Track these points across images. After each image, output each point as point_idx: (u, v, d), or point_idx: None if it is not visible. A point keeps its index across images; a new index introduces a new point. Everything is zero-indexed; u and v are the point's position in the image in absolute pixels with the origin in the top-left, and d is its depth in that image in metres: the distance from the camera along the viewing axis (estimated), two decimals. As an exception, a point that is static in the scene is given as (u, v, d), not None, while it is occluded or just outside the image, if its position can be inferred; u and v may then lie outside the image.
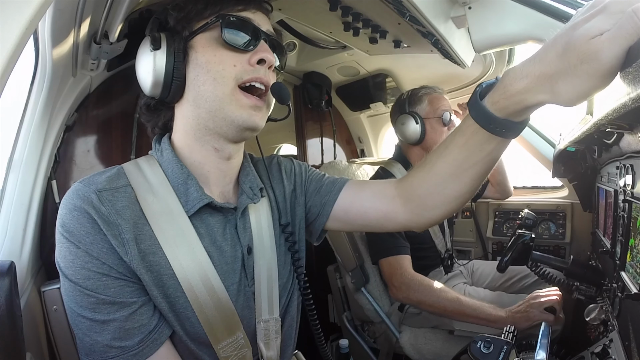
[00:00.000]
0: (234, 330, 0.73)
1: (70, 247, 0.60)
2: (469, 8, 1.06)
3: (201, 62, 0.67)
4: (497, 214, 2.05)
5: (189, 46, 0.69)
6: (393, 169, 1.62)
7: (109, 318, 0.62)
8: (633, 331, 0.75)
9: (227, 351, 0.72)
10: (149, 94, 0.71)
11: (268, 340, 0.79)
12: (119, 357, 0.62)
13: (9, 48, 0.42)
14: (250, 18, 0.70)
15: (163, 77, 0.67)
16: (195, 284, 0.68)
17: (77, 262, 0.60)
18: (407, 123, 1.57)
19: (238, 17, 0.68)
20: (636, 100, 0.41)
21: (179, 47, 0.68)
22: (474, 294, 1.50)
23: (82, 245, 0.60)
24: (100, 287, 0.61)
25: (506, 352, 0.74)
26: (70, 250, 0.61)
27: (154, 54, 0.67)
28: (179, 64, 0.67)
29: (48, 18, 0.72)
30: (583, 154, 1.34)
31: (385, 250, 1.47)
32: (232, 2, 0.69)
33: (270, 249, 0.81)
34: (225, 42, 0.66)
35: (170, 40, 0.68)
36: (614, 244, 0.94)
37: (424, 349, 1.47)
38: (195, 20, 0.69)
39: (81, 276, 0.60)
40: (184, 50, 0.68)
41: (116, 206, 0.63)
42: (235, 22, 0.67)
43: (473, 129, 0.64)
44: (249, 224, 0.78)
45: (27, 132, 0.93)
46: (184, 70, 0.68)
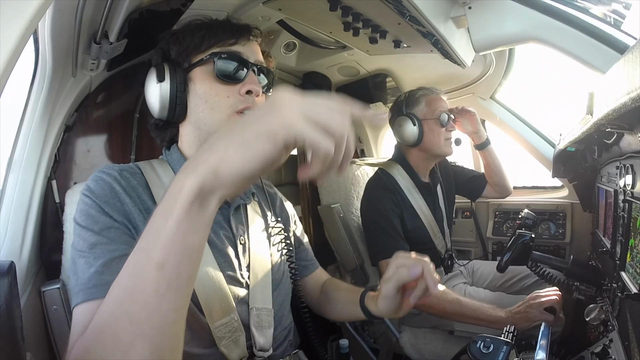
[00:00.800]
0: (228, 312, 0.80)
1: (88, 200, 0.71)
2: (469, 8, 1.06)
3: (199, 93, 0.79)
4: (497, 214, 2.05)
5: (188, 78, 0.81)
6: (392, 170, 1.62)
7: (104, 256, 0.67)
8: (633, 331, 0.75)
9: (221, 331, 0.79)
10: (157, 117, 0.84)
11: (261, 328, 0.85)
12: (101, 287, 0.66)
13: (9, 48, 0.42)
14: (240, 52, 0.81)
15: (168, 103, 0.80)
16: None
17: (90, 211, 0.70)
18: (404, 125, 1.57)
19: (229, 53, 0.79)
20: (636, 100, 0.41)
21: (181, 79, 0.80)
22: (474, 294, 1.50)
23: (98, 199, 0.71)
24: (104, 231, 0.68)
25: (506, 352, 0.74)
26: (87, 202, 0.71)
27: (160, 85, 0.79)
28: (181, 93, 0.80)
29: (48, 18, 0.72)
30: (583, 154, 1.34)
31: (384, 252, 1.47)
32: (225, 36, 0.80)
33: (262, 244, 0.91)
34: (217, 76, 0.78)
35: (172, 72, 0.80)
36: (614, 244, 0.94)
37: (424, 349, 1.47)
38: (193, 54, 0.81)
39: (90, 220, 0.69)
40: (185, 81, 0.80)
41: (132, 183, 0.76)
42: (226, 59, 0.79)
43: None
44: (242, 220, 0.90)
45: (27, 132, 0.93)
46: (185, 98, 0.80)
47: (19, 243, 0.95)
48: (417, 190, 1.60)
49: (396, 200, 1.53)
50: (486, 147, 1.73)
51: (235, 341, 0.81)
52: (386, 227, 1.48)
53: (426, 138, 1.57)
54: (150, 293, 0.43)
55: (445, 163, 1.82)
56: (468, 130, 1.73)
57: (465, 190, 1.87)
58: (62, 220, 1.02)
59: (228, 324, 0.80)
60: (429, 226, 1.60)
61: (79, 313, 0.63)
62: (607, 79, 0.54)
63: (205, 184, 0.43)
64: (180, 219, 0.43)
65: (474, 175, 1.86)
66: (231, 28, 0.82)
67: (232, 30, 0.82)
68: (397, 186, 1.57)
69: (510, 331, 0.85)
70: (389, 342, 1.58)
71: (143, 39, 1.06)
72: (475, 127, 1.71)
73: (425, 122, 1.57)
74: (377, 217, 1.51)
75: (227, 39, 0.80)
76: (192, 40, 0.80)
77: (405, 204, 1.56)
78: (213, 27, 0.82)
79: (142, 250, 0.45)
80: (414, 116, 1.57)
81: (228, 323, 0.80)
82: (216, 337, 0.79)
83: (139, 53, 1.12)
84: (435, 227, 1.62)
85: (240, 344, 0.82)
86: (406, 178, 1.60)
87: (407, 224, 1.53)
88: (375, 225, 1.51)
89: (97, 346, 0.46)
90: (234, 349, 0.81)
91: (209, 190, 0.44)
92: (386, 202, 1.51)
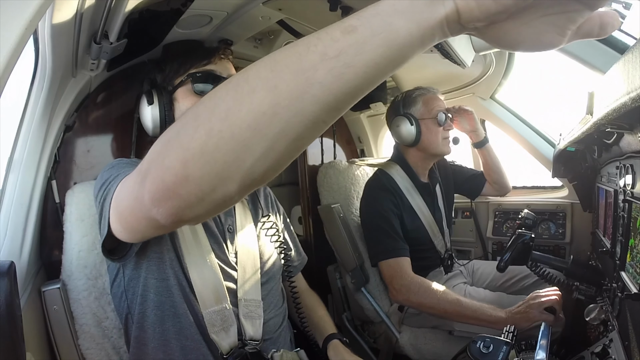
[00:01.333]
0: (221, 300, 0.87)
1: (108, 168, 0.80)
2: (469, 8, 1.06)
3: (183, 109, 0.92)
4: (497, 214, 2.05)
5: (173, 98, 0.94)
6: (391, 171, 1.61)
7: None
8: (633, 331, 0.75)
9: (213, 318, 0.85)
10: (151, 135, 0.98)
11: (250, 318, 0.91)
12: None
13: (9, 48, 0.42)
14: (213, 70, 0.93)
15: (159, 122, 0.93)
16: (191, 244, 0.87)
17: (113, 169, 0.77)
18: (402, 125, 1.57)
19: (203, 72, 0.92)
20: (636, 100, 0.41)
21: (167, 100, 0.94)
22: (474, 294, 1.50)
23: (118, 166, 0.79)
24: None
25: (506, 352, 0.74)
26: (107, 168, 0.80)
27: (150, 107, 0.94)
28: (169, 112, 0.93)
29: (48, 18, 0.72)
30: (583, 154, 1.34)
31: (384, 253, 1.47)
32: (198, 59, 0.94)
33: (250, 235, 1.00)
34: (196, 93, 0.92)
35: (160, 96, 0.94)
36: (614, 244, 0.94)
37: (424, 349, 1.47)
38: (174, 78, 0.95)
39: (114, 170, 0.76)
40: (170, 102, 0.94)
41: None
42: (200, 77, 0.92)
43: None
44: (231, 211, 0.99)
45: (27, 132, 0.93)
46: (172, 116, 0.94)
47: (19, 243, 0.95)
48: (416, 191, 1.60)
49: (395, 201, 1.53)
50: (484, 145, 1.73)
51: (226, 330, 0.86)
52: (386, 228, 1.48)
53: (424, 137, 1.57)
54: (315, 58, 0.37)
55: (444, 162, 1.81)
56: (466, 128, 1.73)
57: (464, 189, 1.87)
58: (62, 220, 1.02)
59: (220, 312, 0.86)
60: (429, 226, 1.60)
61: None
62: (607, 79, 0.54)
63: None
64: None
65: (473, 174, 1.86)
66: (203, 51, 0.96)
67: (204, 53, 0.96)
68: (396, 187, 1.57)
69: (510, 331, 0.85)
70: (389, 342, 1.57)
71: (143, 39, 1.06)
72: (473, 125, 1.71)
73: (422, 122, 1.57)
74: (376, 218, 1.51)
75: (200, 60, 0.94)
76: (172, 67, 0.95)
77: (405, 205, 1.56)
78: (188, 52, 0.97)
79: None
80: (412, 116, 1.57)
81: (220, 311, 0.86)
82: (208, 323, 0.84)
83: (139, 53, 1.12)
84: (435, 227, 1.62)
85: (231, 333, 0.87)
86: (405, 178, 1.60)
87: (406, 225, 1.53)
88: (375, 226, 1.51)
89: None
90: (224, 337, 0.86)
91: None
92: (385, 203, 1.51)
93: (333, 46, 0.36)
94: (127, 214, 0.53)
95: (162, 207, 0.43)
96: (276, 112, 0.37)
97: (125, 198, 0.53)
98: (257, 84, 0.37)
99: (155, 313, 0.83)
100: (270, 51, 1.47)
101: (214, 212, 0.45)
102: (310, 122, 0.38)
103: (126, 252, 0.75)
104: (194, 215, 0.44)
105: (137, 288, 0.84)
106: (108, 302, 1.01)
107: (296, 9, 1.13)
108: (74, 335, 0.97)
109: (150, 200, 0.43)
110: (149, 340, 0.84)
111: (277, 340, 0.97)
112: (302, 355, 0.99)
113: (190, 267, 0.85)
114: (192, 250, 0.86)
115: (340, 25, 0.37)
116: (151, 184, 0.43)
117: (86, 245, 0.99)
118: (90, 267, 1.00)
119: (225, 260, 0.92)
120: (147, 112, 0.94)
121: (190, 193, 0.40)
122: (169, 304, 0.83)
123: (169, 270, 0.84)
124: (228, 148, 0.38)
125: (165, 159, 0.41)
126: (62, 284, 0.97)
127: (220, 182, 0.40)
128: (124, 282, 0.86)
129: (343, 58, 0.36)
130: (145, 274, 0.83)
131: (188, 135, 0.39)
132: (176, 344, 0.83)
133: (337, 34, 0.37)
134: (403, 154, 1.66)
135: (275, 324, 0.98)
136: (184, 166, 0.39)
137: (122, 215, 0.56)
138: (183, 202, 0.41)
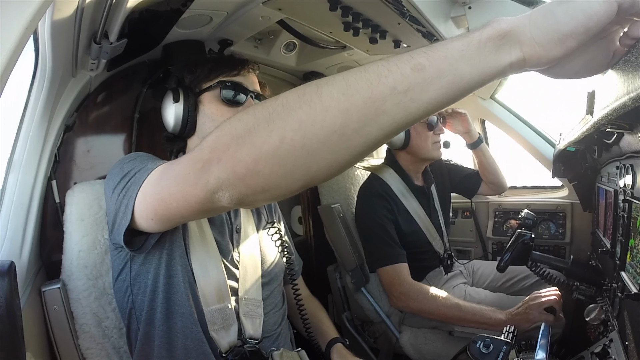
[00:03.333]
0: (223, 299, 0.88)
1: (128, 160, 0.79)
2: (469, 8, 1.06)
3: (207, 113, 0.94)
4: (497, 214, 2.05)
5: (198, 100, 0.96)
6: (385, 175, 1.60)
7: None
8: (633, 331, 0.75)
9: (214, 316, 0.87)
10: (170, 131, 0.98)
11: (251, 317, 0.92)
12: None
13: (9, 48, 0.42)
14: (241, 82, 0.96)
15: (181, 121, 0.94)
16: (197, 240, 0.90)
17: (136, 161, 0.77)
18: None
19: (232, 82, 0.95)
20: (636, 100, 0.41)
21: (192, 102, 0.95)
22: (474, 294, 1.50)
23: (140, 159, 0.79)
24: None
25: (505, 352, 0.74)
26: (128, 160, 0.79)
27: (175, 105, 0.94)
28: (192, 113, 0.94)
29: (48, 18, 0.72)
30: (583, 154, 1.34)
31: (382, 259, 1.46)
32: (229, 68, 0.97)
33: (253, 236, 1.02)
34: (222, 100, 0.94)
35: (186, 96, 0.95)
36: (614, 244, 0.94)
37: (424, 349, 1.47)
38: (203, 82, 0.96)
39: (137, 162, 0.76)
40: (195, 103, 0.95)
41: None
42: (229, 86, 0.95)
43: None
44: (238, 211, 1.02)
45: (27, 132, 0.93)
46: (195, 117, 0.95)
47: (19, 243, 0.95)
48: (411, 194, 1.60)
49: (390, 207, 1.52)
50: (478, 146, 1.72)
51: (227, 328, 0.87)
52: (381, 235, 1.47)
53: (413, 142, 1.56)
54: (385, 90, 0.41)
55: (439, 162, 1.80)
56: (459, 130, 1.72)
57: (460, 189, 1.86)
58: (62, 220, 1.02)
59: (221, 310, 0.88)
60: (426, 229, 1.59)
61: None
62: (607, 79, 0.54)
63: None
64: (470, 45, 0.42)
65: (469, 173, 1.85)
66: (234, 62, 0.99)
67: (235, 63, 0.98)
68: (390, 192, 1.56)
69: (510, 331, 0.85)
70: (389, 342, 1.58)
71: (143, 39, 1.06)
72: (466, 127, 1.69)
73: (412, 126, 1.56)
74: (372, 226, 1.50)
75: (230, 71, 0.97)
76: (203, 71, 0.97)
77: (400, 209, 1.55)
78: (219, 61, 0.99)
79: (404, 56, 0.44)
80: None
81: (221, 309, 0.88)
82: (209, 321, 0.85)
83: (139, 53, 1.12)
84: (432, 229, 1.62)
85: (231, 332, 0.88)
86: (399, 182, 1.59)
87: (403, 229, 1.52)
88: (371, 234, 1.51)
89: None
90: (224, 335, 0.87)
91: (515, 39, 0.42)
92: (380, 210, 1.50)
93: (402, 82, 0.41)
94: (175, 199, 0.58)
95: (228, 191, 0.49)
96: (345, 133, 0.42)
97: (175, 184, 0.58)
98: (331, 104, 0.42)
99: (162, 309, 0.84)
100: (270, 51, 1.47)
101: (271, 200, 0.53)
102: (372, 142, 0.44)
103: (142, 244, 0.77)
104: (254, 200, 0.50)
105: (146, 283, 0.85)
106: (108, 302, 1.01)
107: (296, 9, 1.13)
108: (74, 335, 0.97)
109: (217, 184, 0.49)
110: (156, 337, 0.84)
111: (276, 338, 0.97)
112: (303, 355, 0.99)
113: (195, 264, 0.86)
114: (198, 248, 0.88)
115: (410, 61, 0.41)
116: (221, 171, 0.48)
117: (86, 245, 0.99)
118: (91, 267, 1.00)
119: (229, 259, 0.94)
120: (171, 109, 0.95)
121: (257, 184, 0.46)
122: (175, 300, 0.84)
123: (177, 266, 0.85)
124: (298, 155, 0.43)
125: (237, 152, 0.46)
126: (62, 284, 0.97)
127: (286, 180, 0.46)
128: (130, 277, 0.86)
129: (410, 94, 0.41)
130: (155, 269, 0.84)
131: (261, 138, 0.44)
132: (179, 342, 0.84)
133: (407, 70, 0.41)
134: (395, 157, 1.66)
135: (274, 323, 0.99)
136: (255, 163, 0.45)
137: (164, 201, 0.61)
138: (250, 190, 0.48)
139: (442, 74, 0.41)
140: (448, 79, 0.41)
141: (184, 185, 0.55)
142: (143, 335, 0.85)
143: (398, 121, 0.42)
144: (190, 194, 0.54)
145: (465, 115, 1.68)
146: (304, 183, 0.47)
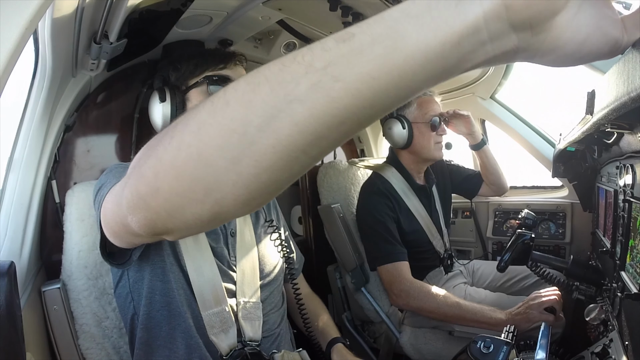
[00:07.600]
0: (220, 302, 0.87)
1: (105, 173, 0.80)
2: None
3: None
4: (497, 214, 2.05)
5: (186, 98, 0.92)
6: (387, 174, 1.60)
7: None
8: (633, 331, 0.75)
9: (212, 320, 0.85)
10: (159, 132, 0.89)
11: (250, 320, 0.91)
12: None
13: (9, 48, 0.42)
14: (229, 75, 0.91)
15: (169, 120, 0.91)
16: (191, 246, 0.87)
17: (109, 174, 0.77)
18: (394, 127, 1.55)
19: (219, 76, 0.91)
20: (636, 100, 0.41)
21: (179, 100, 0.92)
22: (474, 294, 1.50)
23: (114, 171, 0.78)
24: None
25: (506, 352, 0.74)
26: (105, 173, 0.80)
27: (162, 105, 0.92)
28: (180, 111, 0.90)
29: (48, 18, 0.72)
30: (583, 154, 1.34)
31: (382, 257, 1.46)
32: (215, 62, 0.92)
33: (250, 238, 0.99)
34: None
35: (172, 94, 0.92)
36: (614, 244, 0.94)
37: (424, 349, 1.47)
38: (189, 78, 0.93)
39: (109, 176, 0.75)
40: (183, 101, 0.92)
41: None
42: (217, 80, 0.90)
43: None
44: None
45: (27, 132, 0.93)
46: None
47: (19, 243, 0.95)
48: (412, 193, 1.60)
49: (391, 205, 1.52)
50: (481, 147, 1.72)
51: (226, 331, 0.86)
52: (382, 233, 1.47)
53: (416, 141, 1.56)
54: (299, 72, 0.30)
55: (441, 162, 1.80)
56: (462, 131, 1.71)
57: (461, 189, 1.86)
58: (62, 220, 1.02)
59: (219, 313, 0.86)
60: (427, 228, 1.59)
61: None
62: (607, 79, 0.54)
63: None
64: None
65: (470, 174, 1.85)
66: (220, 55, 0.94)
67: (221, 56, 0.94)
68: (392, 190, 1.56)
69: (510, 331, 0.85)
70: (389, 342, 1.58)
71: (143, 39, 1.06)
72: (469, 128, 1.68)
73: (415, 125, 1.55)
74: (373, 223, 1.50)
75: (217, 64, 0.92)
76: (188, 67, 0.93)
77: (401, 208, 1.55)
78: (205, 55, 0.94)
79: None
80: (404, 118, 1.55)
81: (219, 313, 0.86)
82: (207, 325, 0.84)
83: (139, 53, 1.12)
84: (433, 228, 1.62)
85: (231, 335, 0.87)
86: (401, 180, 1.60)
87: (404, 228, 1.52)
88: (372, 232, 1.51)
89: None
90: (224, 338, 0.86)
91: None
92: (381, 208, 1.50)
93: (322, 56, 0.30)
94: (110, 219, 0.54)
95: (135, 216, 0.42)
96: (246, 132, 0.31)
97: (110, 202, 0.53)
98: (232, 97, 0.32)
99: (161, 315, 0.83)
100: (270, 51, 1.47)
101: (186, 231, 0.42)
102: (285, 149, 0.31)
103: (128, 258, 0.74)
104: (166, 229, 0.41)
105: (142, 290, 0.84)
106: (108, 302, 1.01)
107: (296, 9, 1.13)
108: (74, 335, 0.97)
109: (127, 207, 0.43)
110: (156, 342, 0.83)
111: (276, 338, 0.97)
112: (305, 355, 0.99)
113: (190, 269, 0.85)
114: (192, 253, 0.86)
115: (338, 33, 0.31)
116: (128, 190, 0.42)
117: (86, 245, 0.99)
118: (91, 267, 1.00)
119: (225, 262, 0.92)
120: (158, 110, 0.93)
121: (159, 206, 0.38)
122: (173, 305, 0.83)
123: (169, 274, 0.83)
124: (195, 165, 0.33)
125: (142, 167, 0.39)
126: (62, 284, 0.97)
127: (189, 202, 0.36)
128: (129, 284, 0.86)
129: (331, 70, 0.29)
130: (149, 276, 0.83)
131: (163, 146, 0.36)
132: (180, 344, 0.83)
133: (331, 42, 0.30)
134: (397, 156, 1.66)
135: (273, 323, 0.98)
136: (155, 177, 0.37)
137: (105, 220, 0.57)
138: (154, 215, 0.39)
139: (377, 39, 0.29)
140: (386, 44, 0.28)
141: (112, 206, 0.50)
142: (144, 340, 0.85)
143: (319, 113, 0.30)
144: (117, 216, 0.49)
145: (469, 116, 1.68)
146: (210, 209, 0.35)
